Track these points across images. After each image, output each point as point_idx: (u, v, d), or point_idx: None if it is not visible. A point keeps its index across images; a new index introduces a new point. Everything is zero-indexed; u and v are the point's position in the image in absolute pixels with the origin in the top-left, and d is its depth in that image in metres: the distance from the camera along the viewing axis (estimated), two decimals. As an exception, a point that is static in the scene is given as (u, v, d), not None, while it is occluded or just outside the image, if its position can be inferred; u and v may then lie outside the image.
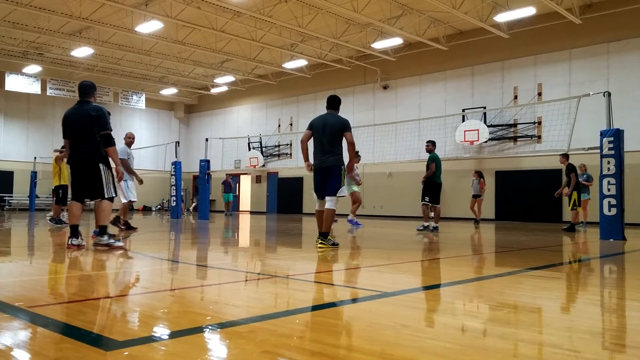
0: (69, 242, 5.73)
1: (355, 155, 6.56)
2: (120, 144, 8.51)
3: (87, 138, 5.68)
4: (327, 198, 6.35)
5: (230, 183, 22.04)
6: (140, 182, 9.45)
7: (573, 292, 3.72)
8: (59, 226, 10.23)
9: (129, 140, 9.36)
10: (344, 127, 6.34)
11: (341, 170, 6.35)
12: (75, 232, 5.77)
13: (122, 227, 9.21)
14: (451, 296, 3.42)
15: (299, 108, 25.12)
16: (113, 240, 5.80)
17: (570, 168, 11.55)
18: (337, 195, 6.31)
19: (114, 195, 5.88)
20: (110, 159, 5.88)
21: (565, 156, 11.55)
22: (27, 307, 2.71)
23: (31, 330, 2.29)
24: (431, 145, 10.75)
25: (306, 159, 6.56)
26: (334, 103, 6.65)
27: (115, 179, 5.95)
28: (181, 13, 17.39)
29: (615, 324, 2.65)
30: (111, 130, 5.81)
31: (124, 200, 9.29)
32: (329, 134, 6.33)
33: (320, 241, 6.27)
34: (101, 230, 5.75)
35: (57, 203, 11.19)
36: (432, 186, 10.54)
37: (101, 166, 5.72)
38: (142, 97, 27.30)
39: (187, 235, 9.57)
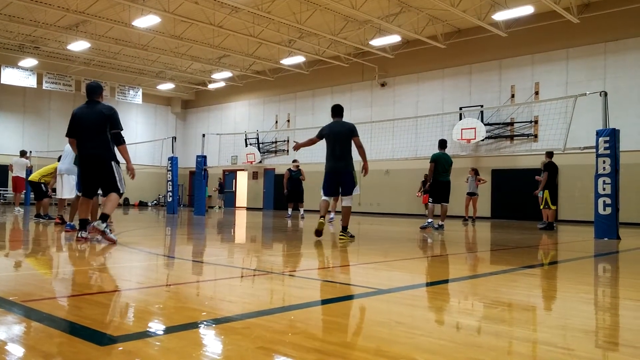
0: (79, 235, 6.06)
1: (365, 156, 7.32)
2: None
3: (99, 136, 5.96)
4: (344, 197, 7.26)
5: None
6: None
7: (567, 290, 3.73)
8: (51, 221, 10.10)
9: None
10: (352, 132, 7.15)
11: (352, 173, 7.20)
12: (84, 225, 6.08)
13: (59, 222, 9.12)
14: (446, 294, 3.43)
15: (297, 104, 25.08)
16: (109, 230, 5.92)
17: (546, 167, 11.49)
18: (354, 192, 7.20)
19: (124, 191, 6.16)
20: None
21: (547, 154, 11.55)
22: (22, 301, 2.71)
23: (25, 324, 2.28)
24: (438, 145, 10.82)
25: (301, 145, 7.61)
26: (338, 111, 7.39)
27: (124, 175, 6.16)
28: (179, 8, 17.32)
29: (608, 323, 2.66)
30: (122, 129, 6.09)
31: (68, 196, 9.00)
32: (340, 142, 7.13)
33: (340, 234, 7.10)
34: (103, 217, 5.89)
35: (43, 198, 10.94)
36: (435, 184, 10.58)
37: (113, 163, 6.00)
38: (139, 92, 27.21)
39: (182, 230, 9.56)
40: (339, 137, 7.13)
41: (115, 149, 6.11)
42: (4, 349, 1.87)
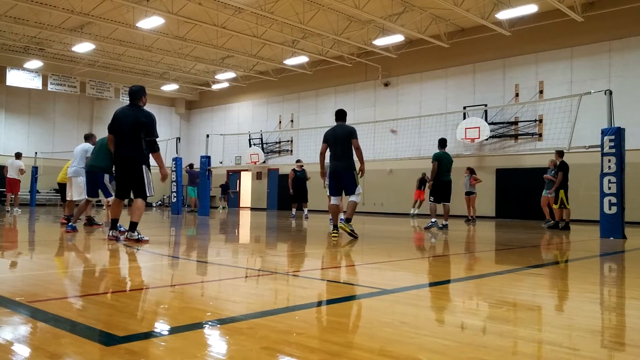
0: (110, 234, 6.40)
1: (361, 158, 7.48)
2: (86, 144, 8.86)
3: (133, 140, 6.16)
4: (351, 196, 7.55)
5: (195, 174, 19.03)
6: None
7: (572, 290, 3.72)
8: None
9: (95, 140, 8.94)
10: (351, 135, 7.43)
11: (353, 173, 7.48)
12: (115, 225, 6.45)
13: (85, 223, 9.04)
14: (450, 293, 3.43)
15: (300, 104, 25.09)
16: (142, 236, 6.18)
17: (560, 166, 11.46)
18: (357, 192, 7.46)
19: (152, 194, 6.35)
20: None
21: (558, 153, 11.50)
22: (28, 302, 2.72)
23: (31, 325, 2.29)
24: (438, 144, 10.81)
25: (322, 168, 7.72)
26: (341, 115, 7.70)
27: (152, 181, 6.36)
28: (182, 9, 17.36)
29: (614, 322, 2.65)
30: (157, 136, 6.31)
31: (77, 198, 8.79)
32: (340, 144, 7.47)
33: (341, 225, 7.34)
34: (132, 226, 6.15)
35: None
36: (437, 184, 10.57)
37: (144, 167, 6.21)
38: (143, 93, 27.21)
39: (187, 231, 9.58)
40: (339, 139, 7.49)
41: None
42: (10, 349, 1.88)
